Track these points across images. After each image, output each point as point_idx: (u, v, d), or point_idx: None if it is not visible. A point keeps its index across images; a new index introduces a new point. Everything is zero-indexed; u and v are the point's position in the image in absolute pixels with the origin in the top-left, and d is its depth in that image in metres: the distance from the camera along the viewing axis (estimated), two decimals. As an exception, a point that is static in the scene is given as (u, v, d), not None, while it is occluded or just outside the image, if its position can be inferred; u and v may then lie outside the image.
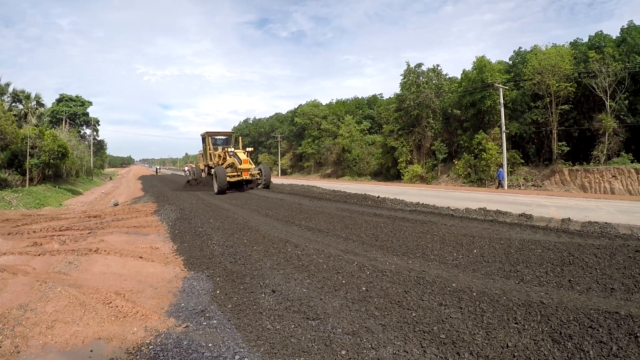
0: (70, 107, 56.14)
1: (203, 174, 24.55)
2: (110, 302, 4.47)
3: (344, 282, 4.77)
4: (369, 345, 3.25)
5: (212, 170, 20.44)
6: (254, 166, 20.15)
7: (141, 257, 6.55)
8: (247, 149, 20.94)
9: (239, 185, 20.35)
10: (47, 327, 3.84)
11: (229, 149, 20.35)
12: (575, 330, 3.20)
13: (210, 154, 23.26)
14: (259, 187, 20.31)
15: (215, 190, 18.12)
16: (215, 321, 3.93)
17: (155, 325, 3.86)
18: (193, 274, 5.63)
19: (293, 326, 3.68)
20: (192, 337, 3.59)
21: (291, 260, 5.80)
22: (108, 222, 10.32)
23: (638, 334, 2.97)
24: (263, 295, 4.54)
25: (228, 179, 18.41)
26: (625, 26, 29.66)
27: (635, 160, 26.95)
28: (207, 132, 23.69)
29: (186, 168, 45.87)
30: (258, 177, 20.40)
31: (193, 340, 3.51)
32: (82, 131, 60.72)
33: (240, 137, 25.64)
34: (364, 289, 4.50)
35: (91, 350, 3.41)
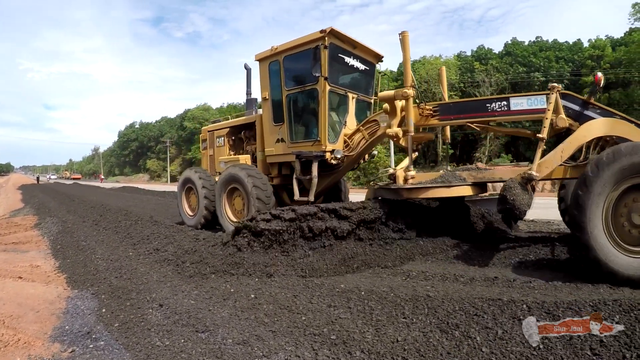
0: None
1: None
2: (-11, 331, 3.97)
3: (232, 290, 4.70)
4: (260, 353, 3.23)
5: (404, 175, 6.10)
6: None
7: (20, 277, 5.94)
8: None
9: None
10: None
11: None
12: (462, 319, 3.38)
13: (337, 116, 7.89)
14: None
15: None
16: (102, 342, 3.66)
17: (40, 353, 3.51)
18: (77, 292, 5.20)
19: (183, 340, 3.54)
20: (78, 362, 3.30)
21: (178, 271, 5.62)
22: (-19, 239, 9.17)
23: (521, 317, 3.21)
24: (150, 310, 4.32)
25: None
26: (510, 42, 33.42)
27: (515, 160, 30.25)
28: (331, 30, 6.78)
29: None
30: None
31: (80, 365, 3.23)
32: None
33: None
34: (252, 296, 4.47)
35: (-29, 388, 3.01)
